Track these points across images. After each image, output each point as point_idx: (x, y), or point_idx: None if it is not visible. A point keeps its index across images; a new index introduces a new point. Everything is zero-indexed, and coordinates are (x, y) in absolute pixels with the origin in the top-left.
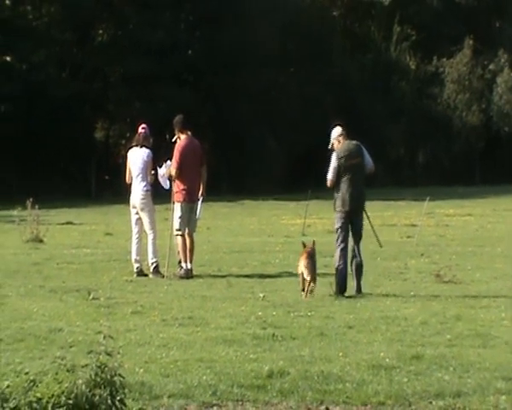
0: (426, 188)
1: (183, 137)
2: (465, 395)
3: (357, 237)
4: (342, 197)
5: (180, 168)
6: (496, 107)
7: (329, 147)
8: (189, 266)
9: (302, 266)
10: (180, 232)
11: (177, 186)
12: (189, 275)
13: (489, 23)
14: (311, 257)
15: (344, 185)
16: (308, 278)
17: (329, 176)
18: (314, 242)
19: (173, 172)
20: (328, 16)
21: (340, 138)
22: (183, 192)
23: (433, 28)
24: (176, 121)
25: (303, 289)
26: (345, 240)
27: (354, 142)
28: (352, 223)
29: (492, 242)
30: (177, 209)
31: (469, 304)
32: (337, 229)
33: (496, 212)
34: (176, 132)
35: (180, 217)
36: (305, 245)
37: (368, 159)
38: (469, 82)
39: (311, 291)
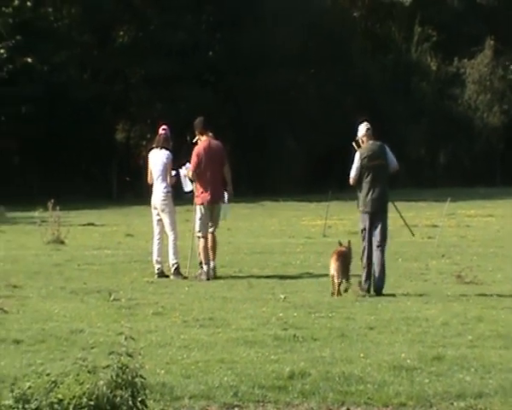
0: (447, 189)
1: (203, 138)
2: (486, 396)
3: (381, 238)
4: (364, 198)
5: (197, 171)
6: None
7: (354, 143)
8: (211, 265)
9: (332, 269)
10: (201, 234)
11: (197, 189)
12: (209, 277)
13: (510, 23)
14: (342, 257)
15: (366, 186)
16: (338, 281)
17: (352, 174)
18: (350, 242)
19: (189, 175)
20: (348, 17)
21: (364, 138)
22: (203, 195)
23: (453, 29)
24: (196, 123)
25: (332, 293)
26: (369, 240)
27: (378, 142)
28: (375, 224)
29: None
30: (197, 211)
31: (491, 305)
32: (362, 230)
33: None
34: (196, 134)
35: (200, 219)
36: (341, 244)
37: (392, 159)
38: (490, 83)
39: (346, 290)
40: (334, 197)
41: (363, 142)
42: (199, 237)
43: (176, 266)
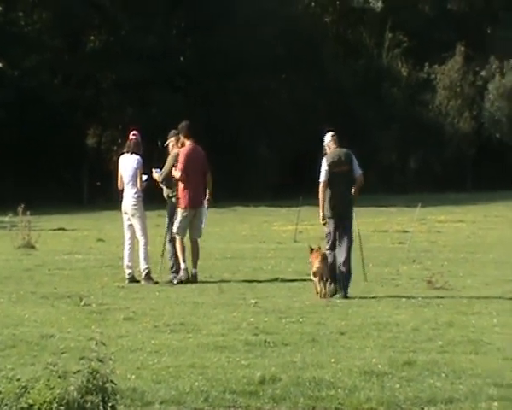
0: (417, 194)
1: (187, 143)
2: (457, 402)
3: (346, 242)
4: (330, 203)
5: (184, 173)
6: (487, 113)
7: (324, 153)
8: (193, 272)
9: (316, 268)
10: (179, 237)
11: (180, 192)
12: (187, 276)
13: (480, 29)
14: (325, 258)
15: (332, 191)
16: (323, 280)
17: (322, 179)
18: (319, 247)
19: (177, 175)
20: (320, 22)
21: (330, 144)
22: (186, 198)
23: (424, 35)
24: (181, 127)
25: (317, 292)
26: (333, 244)
27: (344, 149)
28: (340, 228)
29: (484, 248)
30: (179, 215)
31: (461, 310)
32: (327, 234)
33: (487, 218)
34: (181, 138)
35: (180, 222)
36: (312, 249)
37: (356, 166)
38: (461, 88)
39: (334, 294)
40: (305, 203)
41: (329, 148)
42: (176, 238)
43: (147, 271)
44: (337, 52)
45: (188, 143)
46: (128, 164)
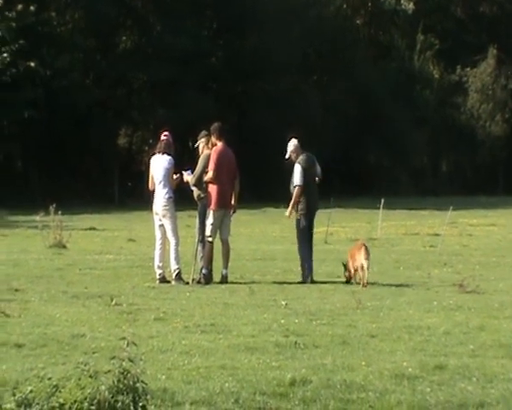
0: (449, 197)
1: (219, 144)
2: (488, 406)
3: (312, 235)
4: (306, 201)
5: (216, 173)
6: None
7: (286, 158)
8: (223, 273)
9: (362, 259)
10: (210, 239)
11: (211, 192)
12: (208, 281)
13: None
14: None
15: (307, 190)
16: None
17: (301, 182)
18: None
19: (210, 175)
20: (351, 25)
21: (297, 150)
22: (217, 198)
23: (456, 37)
24: (214, 128)
25: (363, 284)
26: (308, 239)
27: (309, 153)
28: (311, 224)
29: None
30: (210, 216)
31: (492, 314)
32: (302, 230)
33: None
34: (212, 139)
35: (212, 224)
36: (345, 265)
37: (319, 168)
38: (493, 92)
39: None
40: (335, 204)
41: (296, 153)
42: (208, 242)
43: (177, 271)
44: (368, 54)
45: (219, 144)
46: (159, 164)
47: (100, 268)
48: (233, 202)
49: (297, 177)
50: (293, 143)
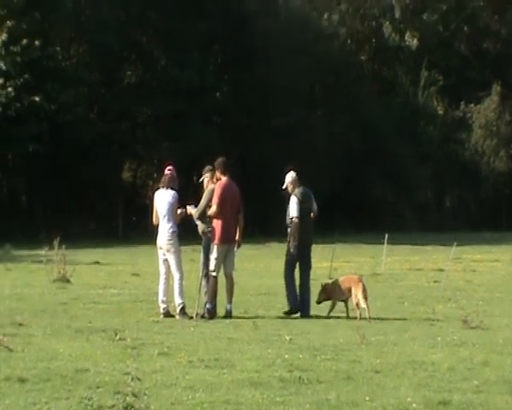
0: (452, 233)
1: (223, 178)
2: None
3: (308, 267)
4: (298, 234)
5: (220, 208)
6: None
7: (283, 188)
8: (228, 308)
9: (360, 296)
10: (214, 273)
11: (215, 227)
12: (209, 316)
13: None
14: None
15: (301, 223)
16: (365, 306)
17: (297, 213)
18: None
19: (214, 209)
20: (355, 60)
21: (295, 183)
22: (221, 233)
23: (460, 73)
24: (218, 163)
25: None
26: (294, 269)
27: (306, 188)
28: (304, 255)
29: None
30: (214, 251)
31: (497, 350)
32: (290, 261)
33: None
34: (217, 174)
35: (216, 258)
36: (324, 286)
37: (315, 204)
38: (497, 128)
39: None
40: (340, 239)
41: (293, 186)
42: (212, 276)
43: (181, 306)
44: (373, 89)
45: (224, 178)
46: (164, 199)
47: (104, 302)
48: (237, 236)
49: (293, 209)
50: (290, 175)
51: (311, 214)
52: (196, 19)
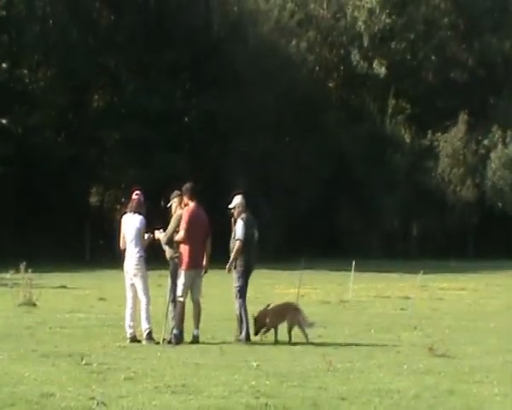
0: (419, 261)
1: (191, 204)
2: None
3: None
4: (244, 259)
5: (187, 233)
6: (490, 182)
7: (230, 207)
8: (195, 333)
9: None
10: (182, 299)
11: (182, 252)
12: (176, 342)
13: (483, 99)
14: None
15: (246, 248)
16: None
17: (242, 237)
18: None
19: (181, 235)
20: (324, 87)
21: (242, 208)
22: (188, 259)
23: (428, 102)
24: (186, 188)
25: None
26: (244, 295)
27: (251, 216)
28: (247, 281)
29: (485, 317)
30: (181, 276)
31: (462, 379)
32: (239, 286)
33: (489, 287)
34: (185, 199)
35: (183, 284)
36: (256, 316)
37: (257, 233)
38: (464, 157)
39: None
40: (307, 266)
41: (240, 210)
42: (180, 302)
43: (148, 331)
44: (340, 117)
45: (191, 204)
46: (131, 224)
47: (70, 327)
48: (205, 262)
49: (239, 232)
50: (240, 199)
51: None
52: (164, 45)
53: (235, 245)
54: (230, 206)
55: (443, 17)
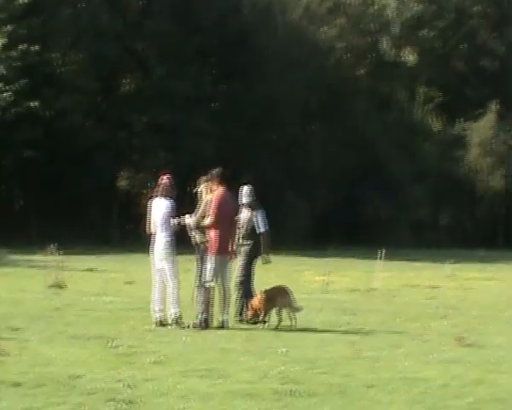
0: (448, 250)
1: (220, 189)
2: None
3: None
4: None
5: (215, 219)
6: None
7: (250, 203)
8: (224, 318)
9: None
10: (209, 284)
11: (210, 238)
12: (203, 326)
13: None
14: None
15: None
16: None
17: (265, 228)
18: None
19: (209, 220)
20: (352, 75)
21: (251, 198)
22: (216, 244)
23: (457, 91)
24: (214, 173)
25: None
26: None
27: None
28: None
29: None
30: (210, 261)
31: (490, 369)
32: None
33: None
34: (213, 184)
35: (212, 269)
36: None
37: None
38: (493, 146)
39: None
40: (334, 254)
41: (250, 200)
42: (207, 287)
43: (175, 315)
44: (369, 105)
45: (220, 189)
46: (160, 208)
47: (98, 310)
48: (231, 248)
49: (262, 222)
50: (249, 189)
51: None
52: (193, 30)
53: (247, 235)
54: (244, 200)
55: (474, 5)
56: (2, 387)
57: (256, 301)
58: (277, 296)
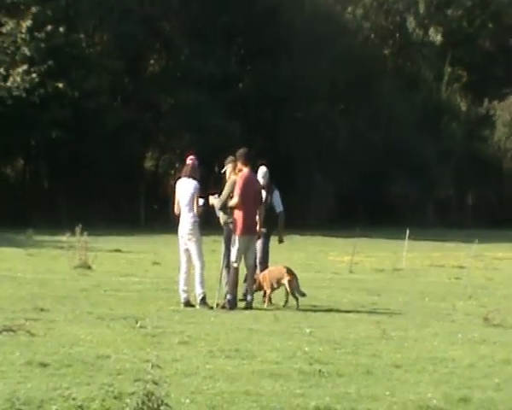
0: (474, 230)
1: (245, 170)
2: None
3: None
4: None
5: (241, 199)
6: None
7: (267, 184)
8: (248, 299)
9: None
10: (235, 264)
11: (236, 218)
12: (233, 306)
13: None
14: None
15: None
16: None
17: (282, 208)
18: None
19: (235, 201)
20: (379, 54)
21: (268, 179)
22: (242, 224)
23: (484, 70)
24: (240, 154)
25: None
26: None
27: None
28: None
29: None
30: (235, 242)
31: None
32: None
33: None
34: (238, 165)
35: (237, 249)
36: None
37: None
38: None
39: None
40: (361, 234)
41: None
42: (233, 267)
43: (202, 295)
44: (395, 84)
45: (245, 169)
46: (185, 189)
47: (125, 290)
48: (258, 227)
49: (278, 202)
50: (265, 169)
51: None
52: (219, 10)
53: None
54: (260, 177)
55: None
56: (30, 367)
57: (261, 277)
58: (283, 276)
